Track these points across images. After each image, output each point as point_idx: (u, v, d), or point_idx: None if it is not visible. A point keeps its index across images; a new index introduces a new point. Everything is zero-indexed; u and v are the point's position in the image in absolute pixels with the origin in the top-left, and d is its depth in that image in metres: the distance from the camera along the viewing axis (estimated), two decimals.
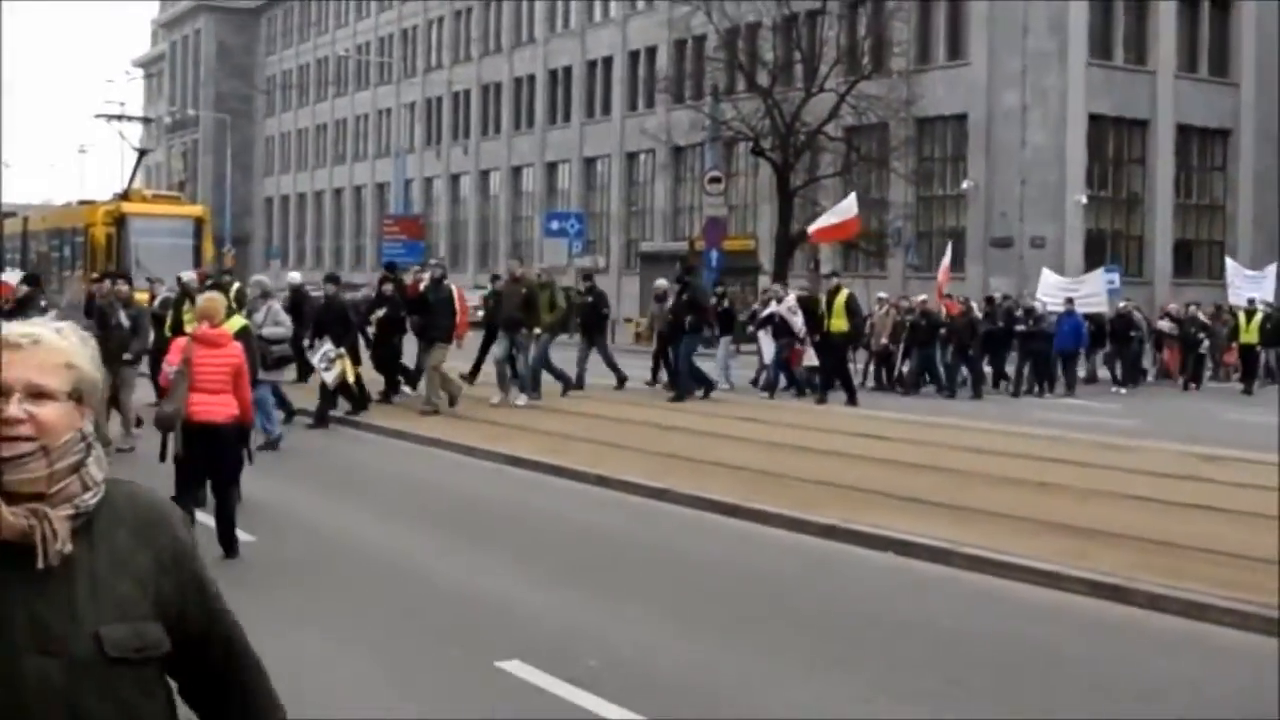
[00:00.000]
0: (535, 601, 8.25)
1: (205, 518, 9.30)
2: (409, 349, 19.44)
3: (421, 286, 18.93)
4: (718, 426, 16.92)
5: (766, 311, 23.17)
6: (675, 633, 7.62)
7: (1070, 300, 25.92)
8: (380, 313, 18.90)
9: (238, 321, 11.09)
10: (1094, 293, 27.42)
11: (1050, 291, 27.23)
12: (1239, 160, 45.08)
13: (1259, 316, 27.51)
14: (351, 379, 17.08)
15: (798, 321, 21.86)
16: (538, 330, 18.99)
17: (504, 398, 18.80)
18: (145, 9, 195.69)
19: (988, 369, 25.25)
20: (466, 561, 9.55)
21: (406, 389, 19.54)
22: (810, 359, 21.92)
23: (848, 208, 26.39)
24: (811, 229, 28.34)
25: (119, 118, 39.85)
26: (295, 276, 19.94)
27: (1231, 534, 9.92)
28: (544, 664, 6.71)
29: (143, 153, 35.60)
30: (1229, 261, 32.28)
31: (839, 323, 21.36)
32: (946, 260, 28.27)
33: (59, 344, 1.96)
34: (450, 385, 18.36)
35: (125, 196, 31.39)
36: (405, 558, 9.56)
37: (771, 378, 22.66)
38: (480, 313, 23.25)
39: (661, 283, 23.75)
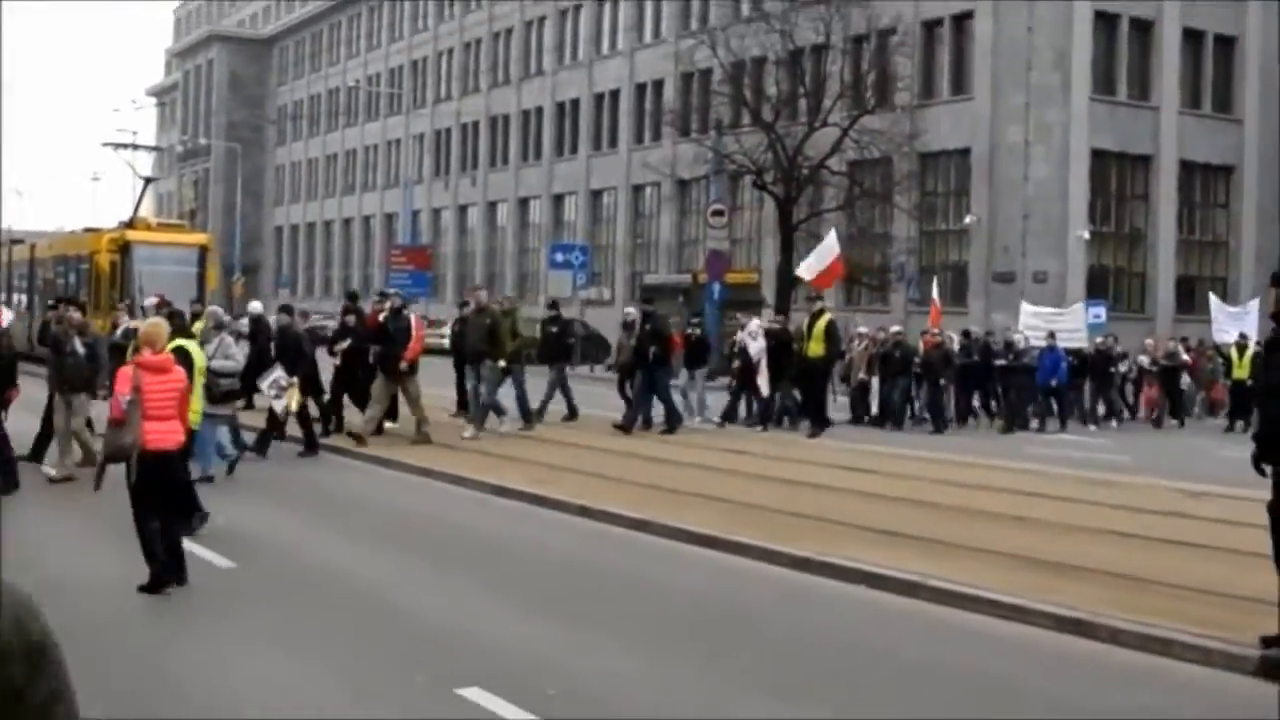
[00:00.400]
0: (505, 630, 8.33)
1: (188, 544, 9.39)
2: None
3: (381, 317, 18.72)
4: (702, 458, 17.00)
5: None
6: (641, 662, 7.69)
7: (1053, 334, 25.89)
8: (344, 344, 18.89)
9: (175, 341, 10.92)
10: (1075, 327, 27.36)
11: (1030, 324, 27.13)
12: (1242, 197, 45.00)
13: (1250, 352, 27.26)
14: (294, 408, 16.71)
15: (755, 346, 21.63)
16: (502, 363, 18.75)
17: (476, 432, 18.67)
18: (160, 38, 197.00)
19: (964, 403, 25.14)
20: (443, 590, 9.62)
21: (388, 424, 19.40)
22: (764, 388, 21.72)
23: (829, 248, 25.56)
24: (803, 276, 27.50)
25: (127, 146, 40.24)
26: (256, 306, 19.87)
27: (1204, 570, 9.98)
28: (503, 691, 6.79)
29: (148, 181, 35.86)
30: (1212, 299, 32.20)
31: (816, 347, 21.19)
32: (935, 296, 28.11)
33: None
34: (365, 433, 17.87)
35: (130, 224, 31.73)
36: (383, 586, 9.62)
37: (765, 408, 22.49)
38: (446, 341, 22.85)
39: (630, 310, 23.46)
